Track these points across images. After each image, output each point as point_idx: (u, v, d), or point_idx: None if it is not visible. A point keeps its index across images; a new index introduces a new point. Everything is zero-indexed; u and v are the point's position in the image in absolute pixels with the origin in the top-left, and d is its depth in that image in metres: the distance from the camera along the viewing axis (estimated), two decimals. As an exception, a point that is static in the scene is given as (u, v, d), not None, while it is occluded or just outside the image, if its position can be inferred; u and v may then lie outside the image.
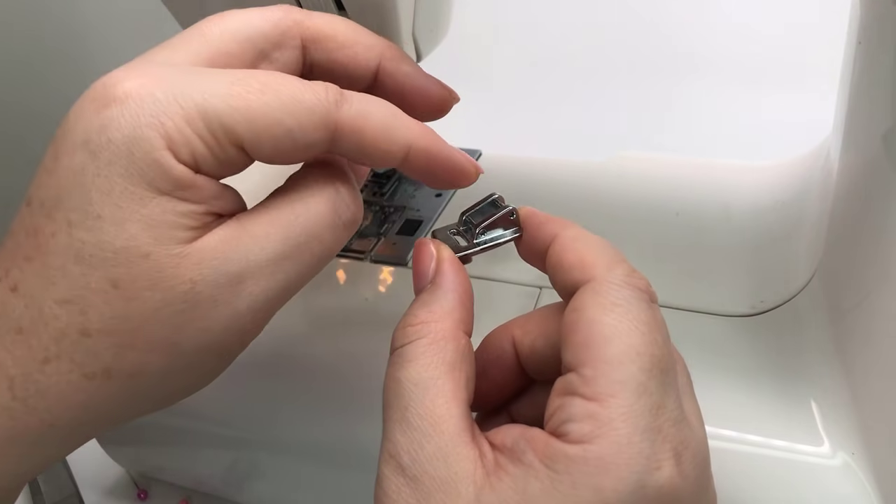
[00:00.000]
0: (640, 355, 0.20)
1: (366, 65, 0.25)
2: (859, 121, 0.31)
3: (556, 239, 0.23)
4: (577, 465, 0.19)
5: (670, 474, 0.19)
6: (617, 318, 0.20)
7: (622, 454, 0.19)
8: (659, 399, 0.20)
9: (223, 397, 0.35)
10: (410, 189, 0.45)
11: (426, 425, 0.20)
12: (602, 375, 0.20)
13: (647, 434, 0.19)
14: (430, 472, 0.20)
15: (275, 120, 0.21)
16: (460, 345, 0.22)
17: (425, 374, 0.21)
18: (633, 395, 0.19)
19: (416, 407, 0.21)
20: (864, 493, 0.27)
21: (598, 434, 0.19)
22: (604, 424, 0.19)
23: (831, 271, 0.32)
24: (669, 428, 0.19)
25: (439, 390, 0.21)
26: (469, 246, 0.25)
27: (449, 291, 0.23)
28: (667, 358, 0.21)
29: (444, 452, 0.20)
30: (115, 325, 0.20)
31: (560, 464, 0.19)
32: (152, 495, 0.43)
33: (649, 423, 0.19)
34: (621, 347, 0.20)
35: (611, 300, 0.21)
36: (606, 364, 0.20)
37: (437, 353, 0.22)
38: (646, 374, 0.20)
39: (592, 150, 0.46)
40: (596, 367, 0.20)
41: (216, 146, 0.20)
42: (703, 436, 0.21)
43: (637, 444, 0.19)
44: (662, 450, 0.19)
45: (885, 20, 0.27)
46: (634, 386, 0.19)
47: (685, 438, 0.20)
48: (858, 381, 0.28)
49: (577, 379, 0.20)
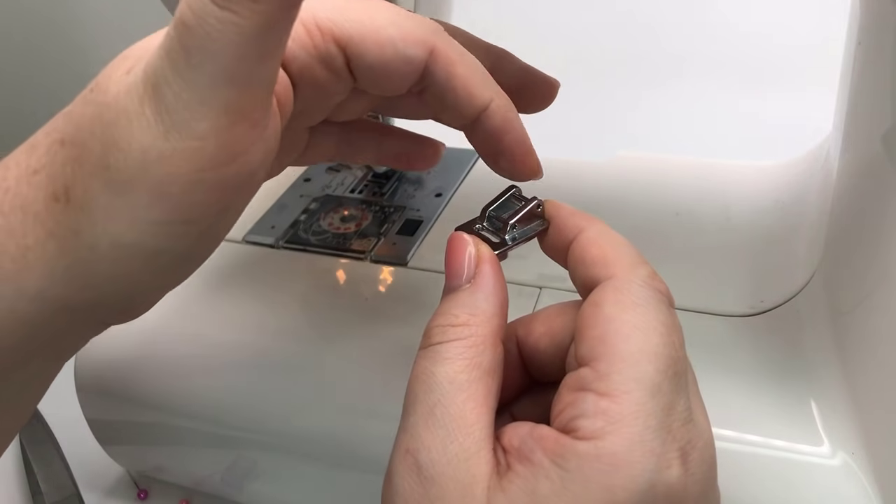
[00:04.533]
0: (657, 356, 0.20)
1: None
2: (859, 121, 0.31)
3: (581, 233, 0.23)
4: (588, 461, 0.18)
5: (679, 473, 0.19)
6: (637, 317, 0.20)
7: (634, 452, 0.18)
8: (671, 399, 0.20)
9: (223, 397, 0.35)
10: (410, 189, 0.45)
11: (455, 426, 0.20)
12: (617, 372, 0.19)
13: (658, 433, 0.19)
14: (450, 474, 0.19)
15: (380, 27, 0.22)
16: (497, 352, 0.22)
17: (461, 376, 0.21)
18: (647, 394, 0.19)
19: (448, 405, 0.20)
20: (864, 493, 0.27)
21: (611, 430, 0.19)
22: (616, 421, 0.19)
23: (831, 271, 0.32)
24: (679, 428, 0.19)
25: (472, 394, 0.21)
26: (502, 242, 0.24)
27: (491, 295, 0.22)
28: (682, 361, 0.21)
29: (467, 455, 0.20)
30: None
31: (571, 461, 0.19)
32: (152, 495, 0.43)
33: (661, 422, 0.19)
34: (639, 346, 0.20)
35: (632, 299, 0.21)
36: (623, 361, 0.20)
37: (477, 356, 0.21)
38: (661, 375, 0.20)
39: (592, 150, 0.46)
40: (612, 362, 0.20)
41: (319, 38, 0.21)
42: (711, 436, 0.21)
43: (649, 443, 0.19)
44: (672, 449, 0.19)
45: (884, 20, 0.27)
46: (649, 385, 0.19)
47: (693, 438, 0.20)
48: (858, 381, 0.28)
49: (590, 374, 0.20)
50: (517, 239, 0.24)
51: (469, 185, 0.45)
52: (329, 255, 0.40)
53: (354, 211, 0.43)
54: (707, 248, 0.37)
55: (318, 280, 0.39)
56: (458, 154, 0.47)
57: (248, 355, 0.35)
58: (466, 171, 0.46)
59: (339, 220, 0.42)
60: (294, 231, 0.42)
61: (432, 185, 0.45)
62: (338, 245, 0.40)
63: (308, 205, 0.44)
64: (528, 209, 0.24)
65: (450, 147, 0.49)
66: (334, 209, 0.43)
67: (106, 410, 0.38)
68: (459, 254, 0.23)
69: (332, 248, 0.40)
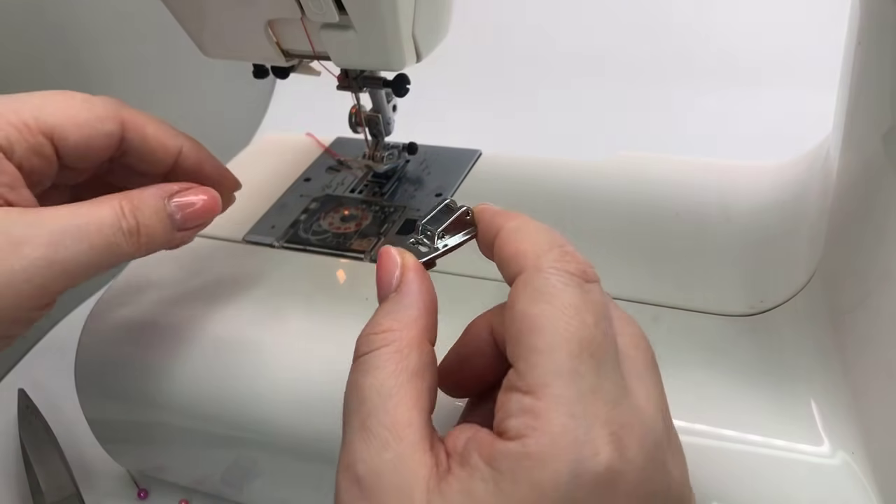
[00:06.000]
0: (567, 341, 0.20)
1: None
2: (859, 121, 0.31)
3: (499, 233, 0.24)
4: (517, 461, 0.19)
5: (609, 458, 0.19)
6: (544, 307, 0.20)
7: (557, 444, 0.18)
8: (593, 382, 0.19)
9: (223, 397, 0.35)
10: (410, 189, 0.45)
11: (386, 434, 0.20)
12: (533, 367, 0.20)
13: (582, 420, 0.19)
14: (388, 481, 0.20)
15: (77, 112, 0.28)
16: (424, 353, 0.22)
17: (388, 382, 0.21)
18: (565, 383, 0.19)
19: (379, 415, 0.21)
20: (863, 492, 0.27)
21: (535, 426, 0.19)
22: (539, 416, 0.19)
23: (831, 271, 0.32)
24: (609, 411, 0.19)
25: (401, 399, 0.21)
26: (430, 251, 0.26)
27: (414, 300, 0.23)
28: (599, 339, 0.20)
29: (402, 460, 0.20)
30: None
31: (502, 462, 0.19)
32: (152, 495, 0.43)
33: (584, 409, 0.19)
34: (549, 336, 0.20)
35: (537, 289, 0.21)
36: (537, 355, 0.20)
37: (401, 361, 0.21)
38: (576, 359, 0.19)
39: (592, 150, 0.47)
40: (528, 359, 0.20)
41: (27, 132, 0.27)
42: (653, 417, 0.20)
43: (572, 432, 0.19)
44: (600, 435, 0.19)
45: (884, 20, 0.27)
46: (566, 372, 0.19)
47: (627, 422, 0.19)
48: (858, 381, 0.28)
49: (513, 374, 0.20)
50: (445, 247, 0.26)
51: (469, 184, 0.45)
52: (329, 255, 0.40)
53: (354, 211, 0.43)
54: (707, 248, 0.37)
55: (318, 280, 0.39)
56: (458, 154, 0.47)
57: (248, 355, 0.35)
58: (466, 171, 0.46)
59: (340, 220, 0.42)
60: (294, 231, 0.42)
61: (432, 184, 0.45)
62: (338, 245, 0.40)
63: (308, 204, 0.44)
64: (456, 217, 0.26)
65: (450, 147, 0.49)
66: (334, 209, 0.43)
67: (106, 410, 0.38)
68: (384, 266, 0.24)
69: (332, 248, 0.40)
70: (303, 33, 0.33)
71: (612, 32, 0.75)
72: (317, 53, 0.34)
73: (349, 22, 0.31)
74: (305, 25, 0.33)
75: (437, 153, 0.48)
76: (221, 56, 0.36)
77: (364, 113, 0.43)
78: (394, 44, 0.32)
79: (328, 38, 0.32)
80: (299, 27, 0.33)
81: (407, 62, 0.33)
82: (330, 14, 0.31)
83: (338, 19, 0.31)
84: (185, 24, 0.35)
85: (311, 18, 0.31)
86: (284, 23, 0.33)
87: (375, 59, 0.33)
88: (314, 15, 0.31)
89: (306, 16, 0.31)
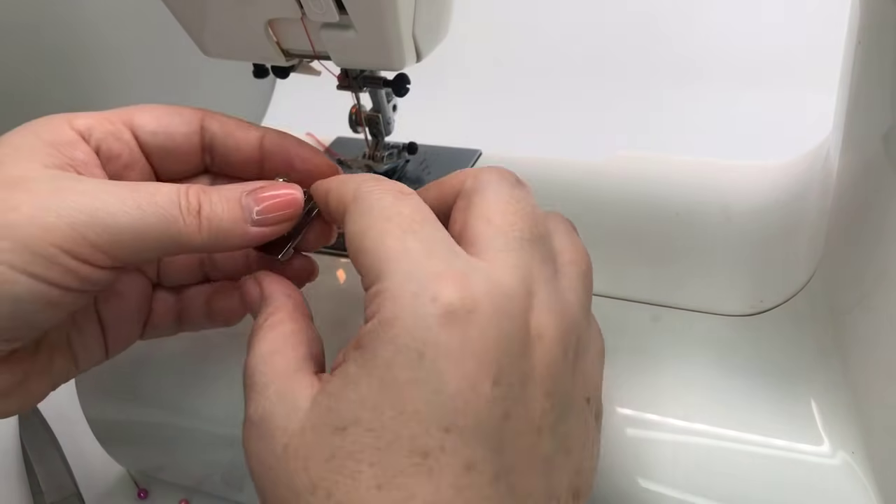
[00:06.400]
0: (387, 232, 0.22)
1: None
2: (859, 121, 0.31)
3: (327, 195, 0.27)
4: (375, 333, 0.21)
5: (452, 299, 0.20)
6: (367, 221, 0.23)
7: (399, 303, 0.20)
8: (421, 248, 0.22)
9: (223, 397, 0.35)
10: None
11: (266, 379, 0.23)
12: (368, 267, 0.22)
13: (417, 276, 0.21)
14: (276, 408, 0.22)
15: (154, 106, 0.29)
16: (298, 319, 0.25)
17: (266, 347, 0.24)
18: (396, 258, 0.21)
19: (259, 368, 0.23)
20: (863, 492, 0.27)
21: (381, 302, 0.21)
22: (382, 292, 0.21)
23: (831, 271, 0.32)
24: (444, 268, 0.21)
25: (279, 353, 0.23)
26: (283, 244, 0.28)
27: (274, 292, 0.26)
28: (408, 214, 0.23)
29: (285, 388, 0.22)
30: None
31: (364, 339, 0.21)
32: (152, 495, 0.43)
33: (418, 269, 0.21)
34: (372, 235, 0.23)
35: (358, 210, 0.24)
36: (364, 255, 0.22)
37: (276, 327, 0.24)
38: (398, 240, 0.22)
39: (592, 150, 0.46)
40: (363, 263, 0.22)
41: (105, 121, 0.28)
42: (500, 270, 0.22)
43: (410, 287, 0.21)
44: (436, 283, 0.21)
45: (884, 20, 0.27)
46: (393, 252, 0.22)
47: (470, 270, 0.21)
48: (858, 380, 0.28)
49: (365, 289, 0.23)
50: (294, 235, 0.28)
51: (469, 184, 0.45)
52: (329, 255, 0.40)
53: (354, 211, 0.43)
54: (707, 248, 0.37)
55: (318, 280, 0.39)
56: (458, 154, 0.47)
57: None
58: (466, 171, 0.46)
59: (340, 220, 0.42)
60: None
61: (432, 184, 0.45)
62: (338, 245, 0.40)
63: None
64: (307, 207, 0.29)
65: (450, 147, 0.49)
66: (334, 209, 0.43)
67: (106, 410, 0.38)
68: (250, 293, 0.27)
69: (333, 248, 0.40)
70: (303, 33, 0.33)
71: (612, 32, 0.75)
72: (317, 53, 0.34)
73: (349, 22, 0.31)
74: (305, 25, 0.33)
75: (437, 153, 0.48)
76: (221, 56, 0.36)
77: (364, 113, 0.43)
78: (394, 43, 0.32)
79: (328, 37, 0.32)
80: (299, 27, 0.33)
81: (407, 62, 0.33)
82: (330, 14, 0.31)
83: (338, 19, 0.31)
84: (186, 24, 0.35)
85: (311, 18, 0.31)
86: (284, 22, 0.33)
87: (375, 59, 0.33)
88: (314, 15, 0.31)
89: (306, 15, 0.31)
